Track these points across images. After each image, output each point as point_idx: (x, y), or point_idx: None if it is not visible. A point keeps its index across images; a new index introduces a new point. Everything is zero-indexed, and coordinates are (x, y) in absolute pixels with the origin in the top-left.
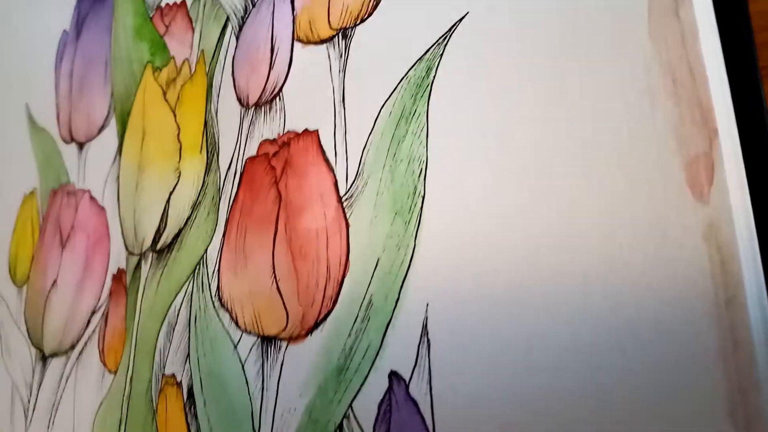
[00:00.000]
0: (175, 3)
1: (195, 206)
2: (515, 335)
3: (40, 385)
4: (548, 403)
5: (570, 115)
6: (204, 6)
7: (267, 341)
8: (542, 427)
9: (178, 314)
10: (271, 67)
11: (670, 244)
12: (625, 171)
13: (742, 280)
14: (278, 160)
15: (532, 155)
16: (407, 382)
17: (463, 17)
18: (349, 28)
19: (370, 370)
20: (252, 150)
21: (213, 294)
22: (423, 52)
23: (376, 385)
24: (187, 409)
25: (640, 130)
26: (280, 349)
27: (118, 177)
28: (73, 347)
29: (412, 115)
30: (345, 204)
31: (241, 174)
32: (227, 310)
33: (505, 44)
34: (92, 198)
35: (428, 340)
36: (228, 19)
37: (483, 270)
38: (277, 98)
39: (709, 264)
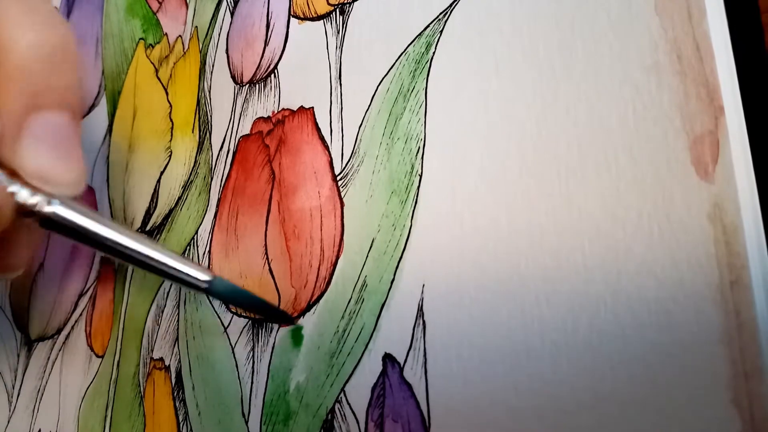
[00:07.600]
0: None
1: (186, 186)
2: (513, 318)
3: (25, 370)
4: (546, 388)
5: (574, 91)
6: None
7: (258, 324)
8: (540, 413)
9: (167, 297)
10: (266, 44)
11: (674, 224)
12: (629, 149)
13: (747, 262)
14: (272, 138)
15: (533, 134)
16: (402, 365)
17: None
18: (347, 3)
19: (363, 353)
20: (245, 128)
21: None
22: (422, 28)
23: (370, 369)
24: (175, 393)
25: (645, 107)
26: (271, 332)
27: (107, 157)
28: (59, 331)
29: (410, 92)
30: (340, 183)
31: (234, 153)
32: None
33: (507, 20)
34: None
35: (424, 322)
36: None
37: (481, 251)
38: (272, 75)
39: (714, 245)
